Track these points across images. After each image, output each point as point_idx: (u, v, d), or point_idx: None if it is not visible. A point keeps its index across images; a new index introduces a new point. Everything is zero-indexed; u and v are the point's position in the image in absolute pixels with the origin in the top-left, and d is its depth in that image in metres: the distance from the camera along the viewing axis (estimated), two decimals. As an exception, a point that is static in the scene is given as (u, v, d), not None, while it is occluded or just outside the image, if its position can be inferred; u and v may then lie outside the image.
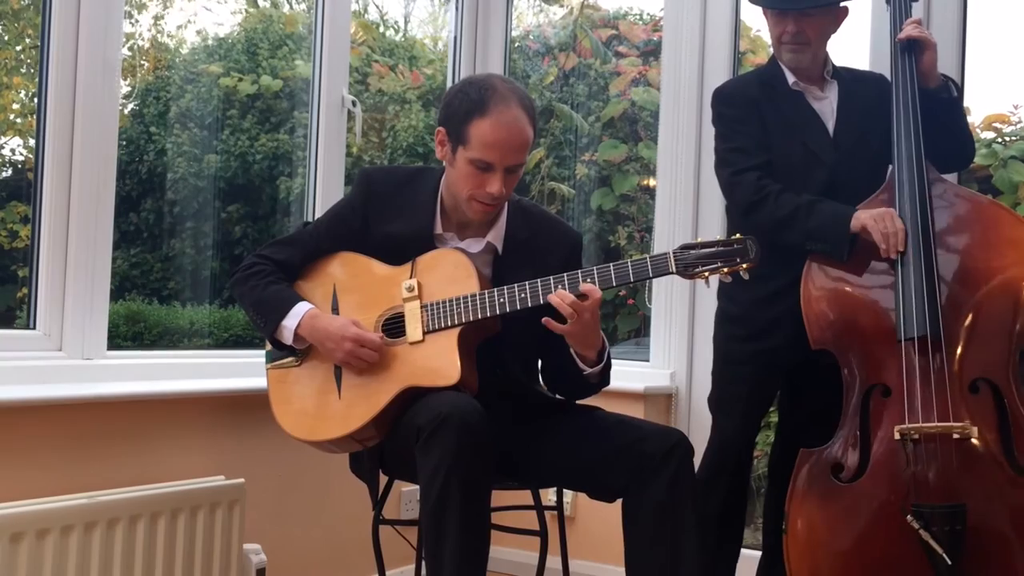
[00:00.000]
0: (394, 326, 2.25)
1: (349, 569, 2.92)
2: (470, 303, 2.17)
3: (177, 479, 2.52)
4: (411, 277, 2.24)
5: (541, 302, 2.14)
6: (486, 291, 2.18)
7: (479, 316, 2.16)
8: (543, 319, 2.12)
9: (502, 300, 2.16)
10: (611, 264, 2.14)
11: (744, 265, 2.10)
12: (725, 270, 2.11)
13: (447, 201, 2.32)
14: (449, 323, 2.18)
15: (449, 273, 2.22)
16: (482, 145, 2.16)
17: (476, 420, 2.00)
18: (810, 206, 2.45)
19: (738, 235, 2.13)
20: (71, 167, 2.51)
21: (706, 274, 2.11)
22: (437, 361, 2.16)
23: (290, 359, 2.31)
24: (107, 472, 2.41)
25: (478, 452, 2.00)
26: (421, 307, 2.21)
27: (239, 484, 2.57)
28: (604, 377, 2.30)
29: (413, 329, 2.21)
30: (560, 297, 2.10)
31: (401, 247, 2.28)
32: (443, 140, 2.24)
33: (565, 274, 2.14)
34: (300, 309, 2.25)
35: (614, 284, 2.14)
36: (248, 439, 2.72)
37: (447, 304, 2.18)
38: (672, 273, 2.11)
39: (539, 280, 2.15)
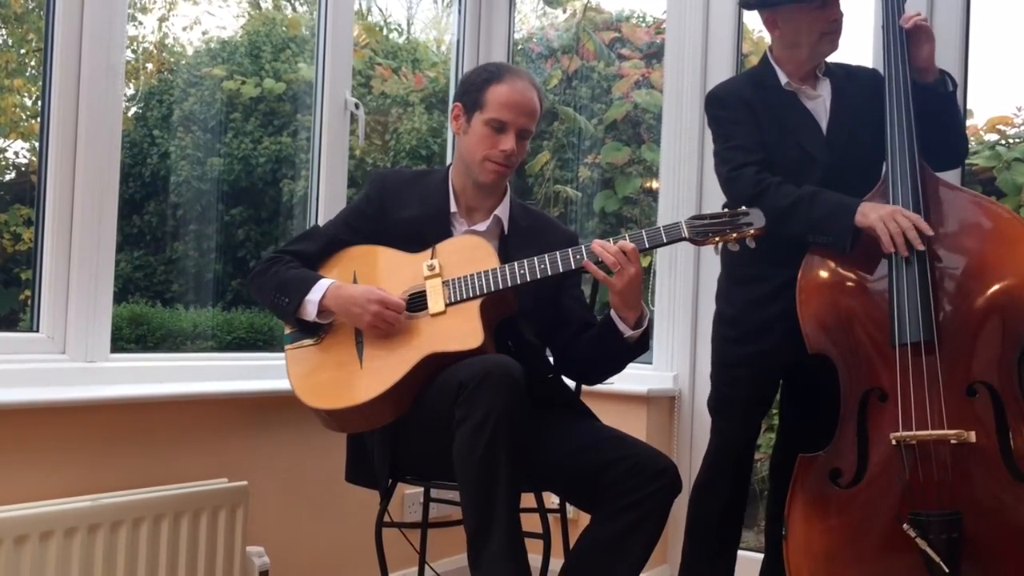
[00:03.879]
0: (416, 302, 2.29)
1: (352, 572, 2.92)
2: (491, 276, 2.24)
3: (180, 481, 2.52)
4: (432, 259, 2.31)
5: (560, 270, 2.24)
6: (505, 264, 2.25)
7: (500, 287, 2.23)
8: (584, 262, 2.22)
9: (522, 271, 2.23)
10: (626, 232, 2.24)
11: (751, 231, 2.21)
12: (734, 236, 2.22)
13: (457, 186, 2.44)
14: (471, 295, 2.24)
15: (469, 255, 2.30)
16: (498, 105, 2.34)
17: (519, 375, 2.05)
18: (812, 196, 2.43)
19: (744, 207, 2.24)
20: (74, 170, 2.52)
21: (716, 239, 2.22)
22: (459, 328, 2.21)
23: (309, 340, 2.34)
24: (110, 475, 2.41)
25: (522, 404, 2.05)
26: (443, 283, 2.27)
27: (242, 486, 2.57)
28: (642, 343, 2.35)
29: (435, 302, 2.26)
30: (602, 246, 2.21)
31: (419, 230, 2.37)
32: (459, 114, 2.42)
33: (583, 244, 2.26)
34: (324, 283, 2.30)
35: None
36: (251, 441, 2.72)
37: (468, 279, 2.26)
38: (684, 239, 2.23)
39: (558, 252, 2.24)
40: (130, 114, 4.94)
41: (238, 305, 4.83)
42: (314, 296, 2.28)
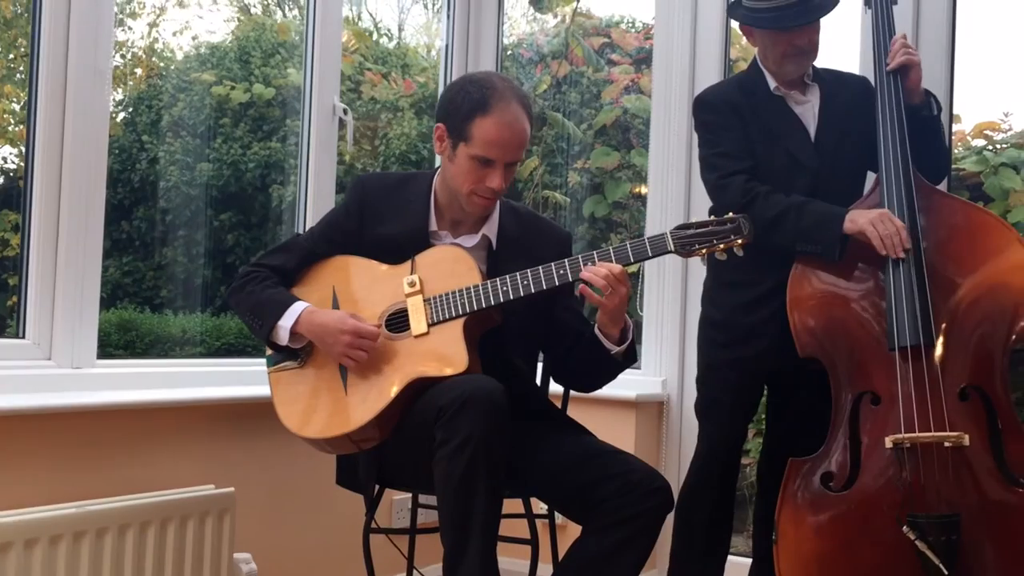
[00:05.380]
0: (398, 322, 2.25)
1: (340, 578, 2.91)
2: (473, 293, 2.19)
3: (167, 488, 2.51)
4: (412, 273, 2.26)
5: (544, 287, 2.17)
6: (488, 281, 2.20)
7: (483, 305, 2.18)
8: (579, 288, 2.17)
9: (505, 288, 2.18)
10: (611, 247, 2.18)
11: (739, 241, 2.14)
12: (721, 247, 2.15)
13: (441, 199, 2.36)
14: (453, 314, 2.19)
15: (450, 268, 2.24)
16: (484, 142, 2.21)
17: (501, 398, 2.02)
18: (801, 206, 2.44)
19: (731, 214, 2.17)
20: (61, 176, 2.51)
21: (703, 251, 2.15)
22: (443, 351, 2.17)
23: (291, 363, 2.31)
24: (96, 481, 2.40)
25: (503, 428, 2.02)
26: (424, 301, 2.22)
27: (229, 493, 2.56)
28: (629, 356, 2.31)
29: (417, 322, 2.21)
30: (593, 272, 2.14)
31: (397, 247, 2.31)
32: (442, 136, 2.29)
33: (567, 260, 2.18)
34: (297, 308, 2.26)
35: None
36: (239, 448, 2.71)
37: (450, 296, 2.20)
38: (670, 252, 2.16)
39: (540, 267, 2.18)
40: (119, 119, 4.93)
41: (227, 311, 4.81)
42: (286, 322, 2.25)
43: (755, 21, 2.55)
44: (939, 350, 2.32)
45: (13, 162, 4.34)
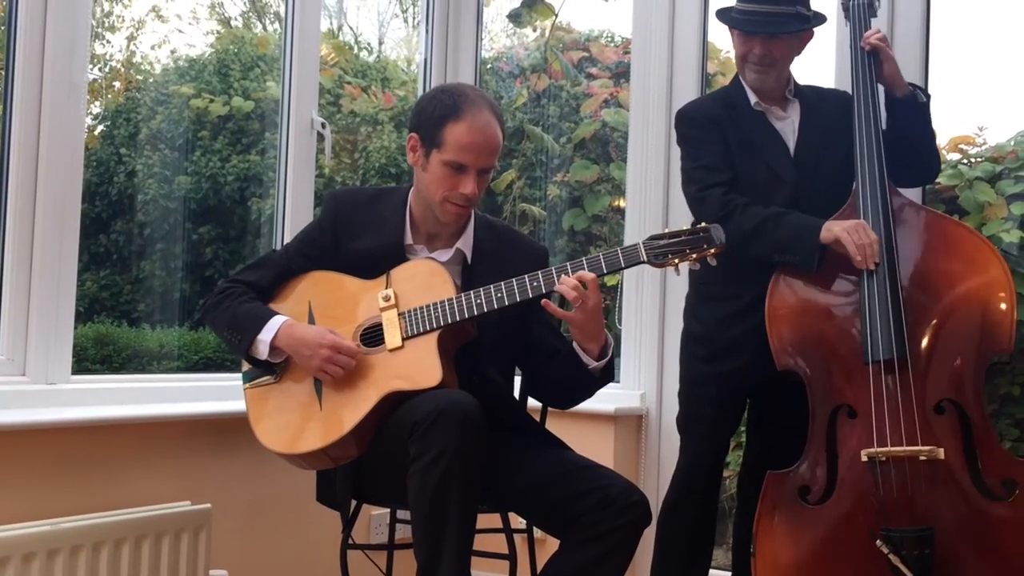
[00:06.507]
0: (373, 336, 2.25)
1: (318, 594, 2.89)
2: (447, 307, 2.19)
3: (142, 504, 2.48)
4: (387, 288, 2.26)
5: (517, 299, 2.17)
6: (462, 294, 2.20)
7: (457, 318, 2.18)
8: (542, 301, 2.16)
9: (479, 301, 2.18)
10: (583, 258, 2.18)
11: (711, 251, 2.15)
12: (694, 256, 2.15)
13: (416, 213, 2.36)
14: (428, 327, 2.19)
15: (424, 281, 2.25)
16: (457, 147, 2.22)
17: (475, 412, 2.02)
18: (777, 218, 2.46)
19: (703, 223, 2.17)
20: (36, 190, 2.49)
21: (676, 261, 2.15)
22: (418, 365, 2.17)
23: (268, 378, 2.30)
24: (70, 498, 2.37)
25: (477, 443, 2.02)
26: (399, 315, 2.22)
27: (205, 509, 2.54)
28: (607, 372, 2.30)
29: (392, 336, 2.21)
30: (564, 283, 2.14)
31: (373, 261, 2.31)
32: (415, 145, 2.30)
33: (540, 272, 2.18)
34: (276, 322, 2.26)
35: None
36: (215, 463, 2.69)
37: (425, 310, 2.20)
38: (643, 262, 2.16)
39: (515, 280, 2.18)
40: (97, 132, 4.91)
41: (205, 325, 4.79)
42: (265, 336, 2.24)
43: (731, 21, 2.60)
44: (915, 364, 2.33)
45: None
